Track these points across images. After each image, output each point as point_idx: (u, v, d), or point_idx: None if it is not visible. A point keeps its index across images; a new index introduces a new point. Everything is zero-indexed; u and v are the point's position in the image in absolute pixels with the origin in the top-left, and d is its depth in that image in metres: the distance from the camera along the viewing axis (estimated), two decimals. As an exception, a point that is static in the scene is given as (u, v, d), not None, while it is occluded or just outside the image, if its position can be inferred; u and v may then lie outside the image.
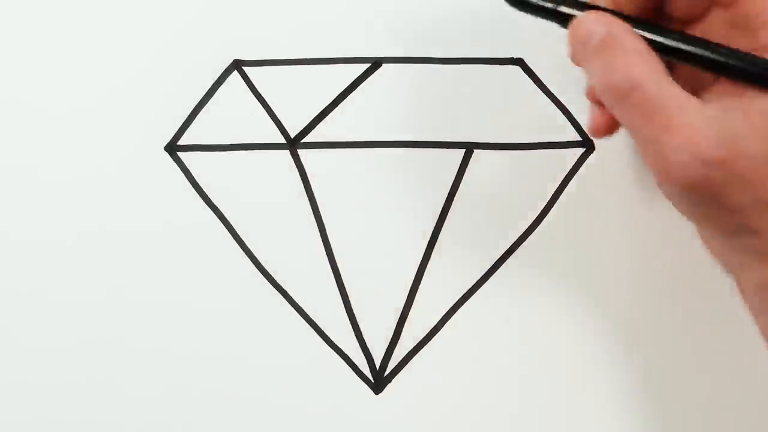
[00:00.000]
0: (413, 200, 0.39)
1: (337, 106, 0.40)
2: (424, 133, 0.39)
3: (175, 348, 0.39)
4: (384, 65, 0.40)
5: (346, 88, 0.40)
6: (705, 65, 0.30)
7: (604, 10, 0.31)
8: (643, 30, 0.30)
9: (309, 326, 0.39)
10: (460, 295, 0.39)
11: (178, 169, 0.40)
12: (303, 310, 0.39)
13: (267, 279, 0.39)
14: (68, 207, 0.39)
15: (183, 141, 0.40)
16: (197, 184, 0.39)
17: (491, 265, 0.39)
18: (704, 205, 0.29)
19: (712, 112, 0.28)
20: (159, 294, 0.39)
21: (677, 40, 0.30)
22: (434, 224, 0.39)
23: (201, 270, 0.39)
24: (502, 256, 0.39)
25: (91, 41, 0.40)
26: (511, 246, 0.39)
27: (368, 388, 0.39)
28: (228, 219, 0.39)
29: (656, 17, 0.32)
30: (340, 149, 0.40)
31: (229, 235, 0.39)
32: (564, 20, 0.32)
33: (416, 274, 0.39)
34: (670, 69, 0.31)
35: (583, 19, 0.31)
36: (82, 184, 0.39)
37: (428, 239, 0.39)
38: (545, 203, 0.39)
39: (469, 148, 0.39)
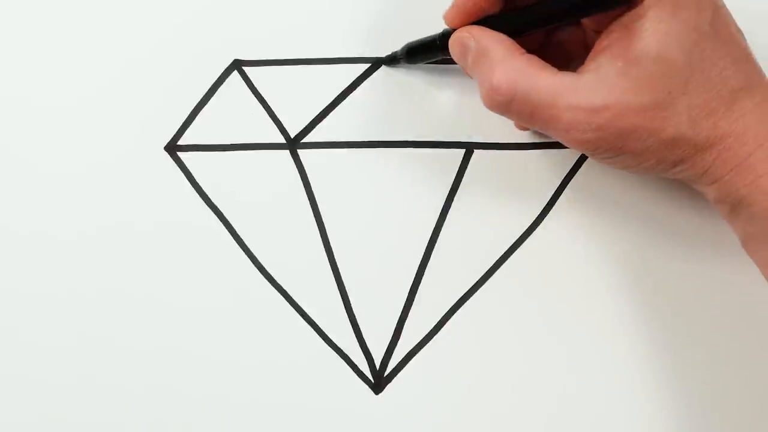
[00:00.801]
0: (413, 200, 0.39)
1: (337, 106, 0.40)
2: (424, 133, 0.39)
3: (175, 347, 0.39)
4: (384, 65, 0.40)
5: (346, 88, 0.40)
6: (567, 16, 0.33)
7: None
8: (508, 22, 0.33)
9: (309, 326, 0.39)
10: (460, 295, 0.39)
11: (178, 169, 0.40)
12: (303, 310, 0.39)
13: (267, 279, 0.39)
14: (68, 206, 0.39)
15: (183, 141, 0.40)
16: (197, 183, 0.39)
17: (491, 265, 0.39)
18: (618, 157, 0.32)
19: (586, 83, 0.31)
20: (159, 293, 0.39)
21: (534, 14, 0.33)
22: (434, 224, 0.39)
23: (201, 269, 0.39)
24: (502, 256, 0.39)
25: (92, 41, 0.40)
26: (511, 246, 0.39)
27: (368, 388, 0.39)
28: (228, 219, 0.39)
29: None
30: (340, 149, 0.40)
31: (229, 234, 0.39)
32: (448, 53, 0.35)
33: (416, 274, 0.39)
34: (545, 52, 0.33)
35: (454, 37, 0.34)
36: (82, 183, 0.39)
37: (428, 239, 0.39)
38: (545, 203, 0.39)
39: (469, 148, 0.39)
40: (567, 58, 0.36)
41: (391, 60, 0.39)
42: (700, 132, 0.31)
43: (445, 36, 0.35)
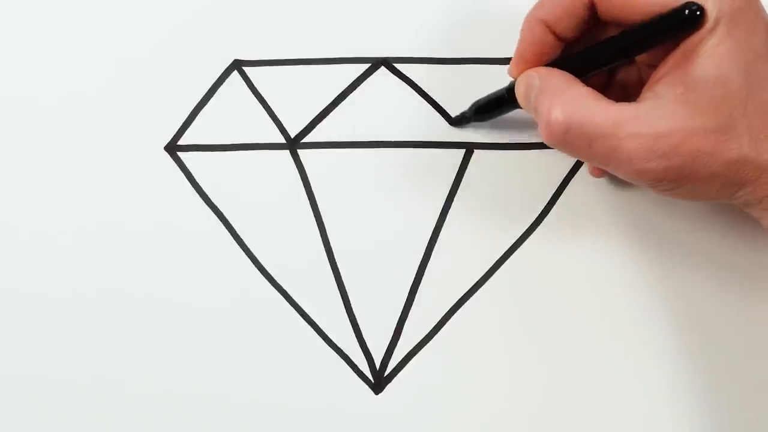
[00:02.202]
0: (413, 200, 0.39)
1: (337, 106, 0.40)
2: (424, 133, 0.39)
3: (175, 347, 0.39)
4: (384, 65, 0.40)
5: (346, 88, 0.40)
6: (627, 52, 0.33)
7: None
8: (572, 63, 0.33)
9: (309, 326, 0.39)
10: (460, 295, 0.39)
11: (178, 169, 0.40)
12: (303, 311, 0.39)
13: (267, 279, 0.39)
14: (68, 206, 0.39)
15: (183, 141, 0.40)
16: (197, 183, 0.39)
17: (491, 265, 0.39)
18: (680, 187, 0.31)
19: (645, 111, 0.30)
20: (159, 294, 0.39)
21: (591, 56, 0.33)
22: (434, 224, 0.39)
23: (201, 269, 0.39)
24: (502, 256, 0.39)
25: (91, 41, 0.40)
26: (511, 246, 0.39)
27: (368, 388, 0.39)
28: (228, 219, 0.39)
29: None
30: (340, 149, 0.40)
31: (229, 234, 0.39)
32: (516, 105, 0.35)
33: (416, 274, 0.39)
34: (638, 78, 0.34)
35: (519, 80, 0.34)
36: (82, 183, 0.39)
37: (428, 239, 0.39)
38: (545, 203, 0.39)
39: (469, 148, 0.39)
40: (627, 97, 0.35)
41: (459, 121, 0.39)
42: (762, 153, 0.30)
43: (511, 90, 0.35)
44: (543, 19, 0.33)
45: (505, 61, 0.39)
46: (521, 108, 0.35)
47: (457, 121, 0.39)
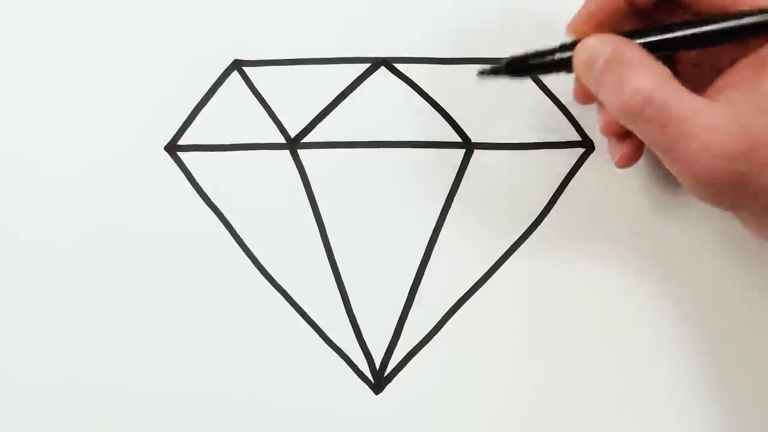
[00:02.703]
0: (413, 200, 0.39)
1: (337, 106, 0.40)
2: (424, 133, 0.39)
3: (175, 348, 0.39)
4: (384, 65, 0.40)
5: (346, 88, 0.40)
6: (709, 41, 0.31)
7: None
8: (642, 37, 0.31)
9: (309, 326, 0.39)
10: (460, 295, 0.39)
11: (178, 169, 0.40)
12: (303, 311, 0.39)
13: (267, 279, 0.39)
14: (68, 206, 0.39)
15: (183, 141, 0.40)
16: (197, 184, 0.39)
17: (491, 265, 0.39)
18: (737, 196, 0.30)
19: (722, 109, 0.29)
20: (158, 293, 0.39)
21: (677, 30, 0.31)
22: (434, 224, 0.39)
23: (201, 270, 0.39)
24: (502, 256, 0.39)
25: (91, 41, 0.40)
26: (511, 246, 0.39)
27: (368, 388, 0.39)
28: (228, 219, 0.39)
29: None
30: (340, 149, 0.40)
31: (229, 235, 0.39)
32: (564, 67, 0.33)
33: (416, 274, 0.39)
34: (674, 73, 0.31)
35: (586, 43, 0.32)
36: (81, 183, 0.39)
37: (428, 239, 0.39)
38: (545, 203, 0.39)
39: (469, 148, 0.39)
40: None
41: (490, 72, 0.34)
42: None
43: (564, 48, 0.33)
44: None
45: (505, 60, 0.39)
46: (568, 72, 0.33)
47: (486, 72, 0.35)
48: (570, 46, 0.33)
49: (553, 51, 0.33)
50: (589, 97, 0.35)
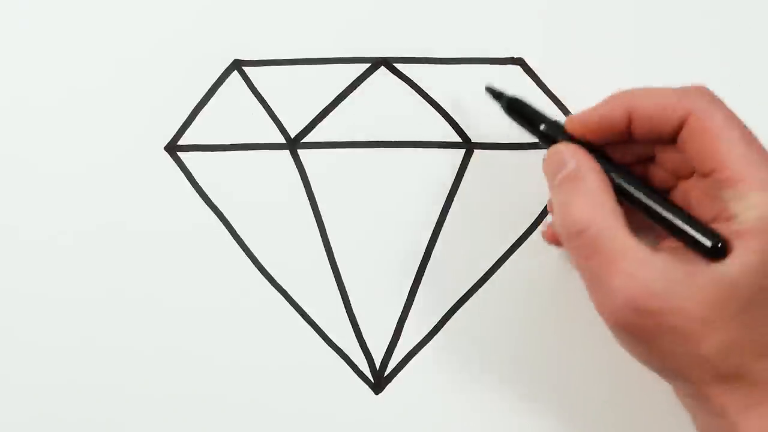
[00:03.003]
0: (413, 200, 0.39)
1: (337, 106, 0.40)
2: (424, 133, 0.39)
3: (175, 348, 0.39)
4: (384, 65, 0.40)
5: (346, 88, 0.40)
6: (661, 223, 0.31)
7: (586, 144, 0.32)
8: (613, 172, 0.32)
9: (309, 326, 0.39)
10: (460, 296, 0.39)
11: (178, 169, 0.40)
12: (303, 311, 0.39)
13: (267, 279, 0.39)
14: (68, 206, 0.39)
15: (183, 141, 0.40)
16: (197, 184, 0.39)
17: (491, 266, 0.39)
18: (638, 346, 0.30)
19: (657, 263, 0.29)
20: (158, 293, 0.39)
21: (640, 191, 0.32)
22: (434, 224, 0.39)
23: (201, 270, 0.39)
24: (502, 256, 0.39)
25: (91, 41, 0.40)
26: (511, 246, 0.39)
27: (368, 388, 0.39)
28: (228, 219, 0.39)
29: (647, 167, 0.34)
30: (340, 149, 0.40)
31: (229, 234, 0.39)
32: (545, 139, 0.33)
33: (416, 274, 0.39)
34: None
35: (558, 148, 0.32)
36: (81, 183, 0.39)
37: (428, 239, 0.39)
38: (545, 203, 0.39)
39: (469, 148, 0.39)
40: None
41: (495, 95, 0.36)
42: (727, 365, 0.29)
43: (551, 127, 0.33)
44: (631, 108, 0.32)
45: (505, 61, 0.39)
46: (542, 147, 0.34)
47: (493, 93, 0.36)
48: (557, 129, 0.33)
49: (544, 120, 0.33)
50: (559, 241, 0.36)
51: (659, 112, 0.31)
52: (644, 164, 0.34)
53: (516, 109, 0.35)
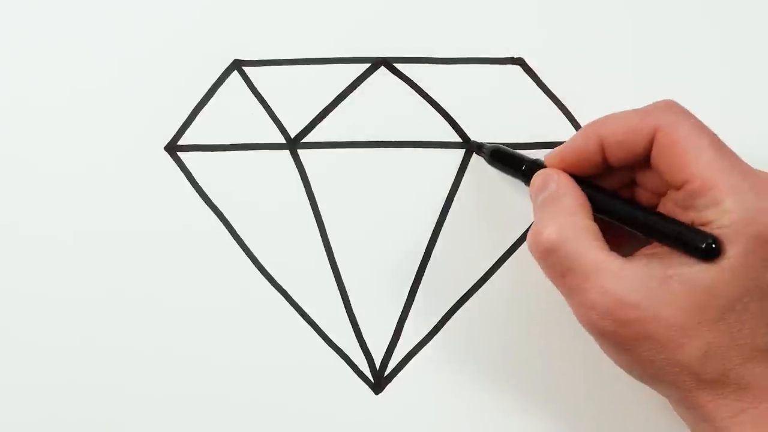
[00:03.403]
0: (413, 200, 0.39)
1: (337, 106, 0.40)
2: (424, 133, 0.39)
3: (175, 348, 0.39)
4: (384, 65, 0.40)
5: (346, 88, 0.40)
6: (648, 233, 0.32)
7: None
8: (591, 191, 0.33)
9: (309, 326, 0.39)
10: (460, 296, 0.39)
11: (178, 169, 0.40)
12: (303, 311, 0.39)
13: (267, 279, 0.39)
14: (68, 206, 0.39)
15: (183, 141, 0.40)
16: (197, 184, 0.39)
17: (491, 266, 0.39)
18: (621, 355, 0.31)
19: (631, 273, 0.30)
20: (159, 294, 0.39)
21: (617, 204, 0.33)
22: (434, 224, 0.39)
23: (201, 270, 0.39)
24: (502, 256, 0.39)
25: (92, 41, 0.40)
26: (511, 246, 0.39)
27: (368, 388, 0.39)
28: (228, 219, 0.39)
29: (633, 191, 0.35)
30: (340, 149, 0.40)
31: (229, 234, 0.39)
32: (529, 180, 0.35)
33: (416, 274, 0.39)
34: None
35: (542, 172, 0.34)
36: (81, 183, 0.39)
37: (428, 239, 0.39)
38: (545, 203, 0.39)
39: (469, 148, 0.39)
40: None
41: (477, 148, 0.39)
42: (710, 371, 0.30)
43: (534, 164, 0.35)
44: (601, 137, 0.33)
45: (505, 61, 0.39)
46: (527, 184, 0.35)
47: (475, 147, 0.39)
48: (538, 168, 0.35)
49: (522, 161, 0.36)
50: None
51: (628, 136, 0.32)
52: (629, 188, 0.35)
53: (498, 157, 0.37)
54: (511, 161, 0.36)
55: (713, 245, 0.29)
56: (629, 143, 0.32)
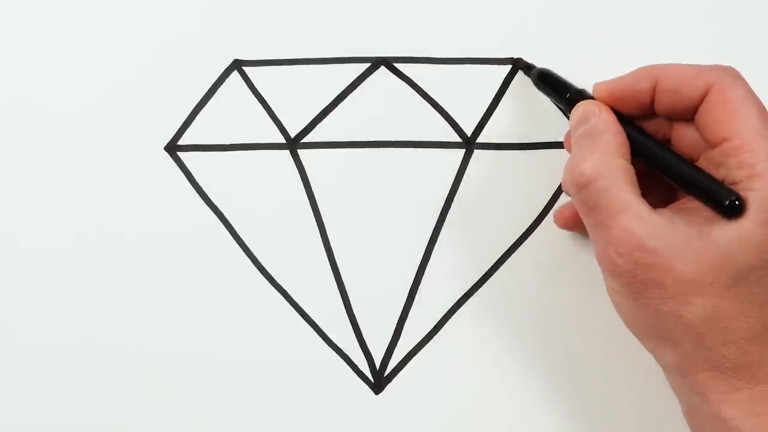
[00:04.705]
0: (413, 200, 0.39)
1: (337, 106, 0.40)
2: (424, 133, 0.39)
3: (175, 348, 0.39)
4: (384, 65, 0.40)
5: (346, 88, 0.40)
6: (678, 182, 0.32)
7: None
8: (632, 131, 0.33)
9: (309, 326, 0.39)
10: (460, 295, 0.39)
11: (178, 169, 0.40)
12: (303, 311, 0.39)
13: (267, 279, 0.39)
14: (68, 206, 0.39)
15: (183, 141, 0.40)
16: (197, 184, 0.39)
17: (491, 265, 0.39)
18: (628, 299, 0.31)
19: (657, 222, 0.30)
20: (158, 294, 0.39)
21: (658, 149, 0.33)
22: (434, 224, 0.39)
23: (201, 270, 0.39)
24: (502, 256, 0.39)
25: (92, 41, 0.40)
26: (511, 246, 0.39)
27: (368, 388, 0.39)
28: (228, 219, 0.39)
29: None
30: (340, 149, 0.40)
31: (229, 235, 0.39)
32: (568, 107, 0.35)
33: (416, 274, 0.39)
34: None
35: (585, 104, 0.34)
36: (82, 183, 0.39)
37: (428, 239, 0.39)
38: (545, 203, 0.39)
39: (469, 148, 0.39)
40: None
41: (525, 68, 0.39)
42: (712, 337, 0.30)
43: (579, 94, 0.35)
44: (656, 79, 0.33)
45: (505, 61, 0.39)
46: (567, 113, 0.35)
47: (524, 67, 0.39)
48: (583, 97, 0.35)
49: (567, 87, 0.36)
50: (568, 224, 0.37)
51: (683, 83, 0.32)
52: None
53: (545, 80, 0.37)
54: (557, 86, 0.36)
55: (736, 202, 0.30)
56: (682, 92, 0.32)
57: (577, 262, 0.39)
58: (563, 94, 0.36)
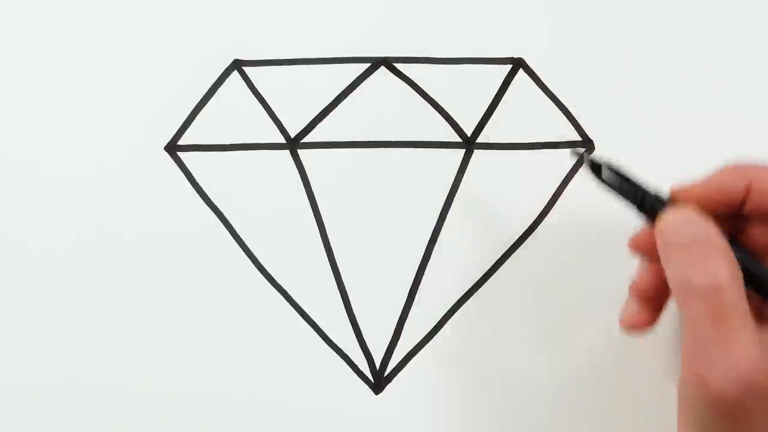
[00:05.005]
0: (413, 200, 0.39)
1: (337, 106, 0.40)
2: (424, 133, 0.39)
3: (175, 348, 0.39)
4: (384, 65, 0.40)
5: (346, 88, 0.40)
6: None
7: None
8: (734, 247, 0.30)
9: (309, 326, 0.39)
10: (460, 295, 0.39)
11: (178, 169, 0.40)
12: (303, 311, 0.39)
13: (267, 279, 0.39)
14: (68, 206, 0.39)
15: (183, 141, 0.40)
16: (197, 184, 0.39)
17: (491, 265, 0.39)
18: (728, 427, 0.28)
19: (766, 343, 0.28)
20: (158, 294, 0.39)
21: (751, 262, 0.30)
22: (434, 224, 0.39)
23: (201, 270, 0.39)
24: (502, 256, 0.39)
25: (92, 41, 0.40)
26: (511, 246, 0.39)
27: (368, 388, 0.39)
28: (228, 219, 0.39)
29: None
30: (340, 149, 0.40)
31: (229, 235, 0.39)
32: (647, 211, 0.32)
33: (416, 274, 0.39)
34: None
35: (682, 213, 0.31)
36: (82, 183, 0.39)
37: (428, 239, 0.39)
38: (545, 203, 0.39)
39: (469, 148, 0.39)
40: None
41: (592, 165, 0.33)
42: None
43: (659, 201, 0.31)
44: (751, 180, 0.31)
45: (505, 61, 0.39)
46: (643, 217, 0.32)
47: (587, 160, 0.33)
48: (662, 203, 0.32)
49: (644, 194, 0.32)
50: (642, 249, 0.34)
51: None
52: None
53: (613, 178, 0.32)
54: (628, 191, 0.32)
55: None
56: None
57: (577, 262, 0.39)
58: (636, 198, 0.32)
